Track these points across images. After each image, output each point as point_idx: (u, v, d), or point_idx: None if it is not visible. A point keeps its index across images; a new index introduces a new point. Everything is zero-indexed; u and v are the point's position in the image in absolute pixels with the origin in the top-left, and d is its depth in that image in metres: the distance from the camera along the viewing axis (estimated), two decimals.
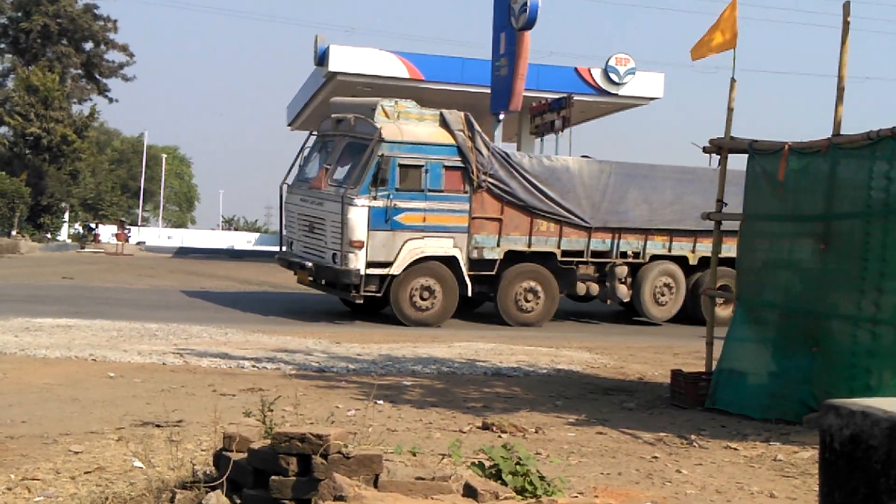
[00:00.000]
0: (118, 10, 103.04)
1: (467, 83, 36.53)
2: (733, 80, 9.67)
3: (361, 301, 16.06)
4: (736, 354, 8.97)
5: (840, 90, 8.19)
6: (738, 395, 8.68)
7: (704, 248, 18.32)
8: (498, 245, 16.79)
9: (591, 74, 36.69)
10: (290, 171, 17.36)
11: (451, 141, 16.41)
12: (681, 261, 18.32)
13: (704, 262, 18.44)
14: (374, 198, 15.68)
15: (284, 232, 17.80)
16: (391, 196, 15.78)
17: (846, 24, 8.15)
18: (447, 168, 16.36)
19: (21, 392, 7.94)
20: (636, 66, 36.35)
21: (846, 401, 2.27)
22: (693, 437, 7.39)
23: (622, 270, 17.69)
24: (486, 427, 7.25)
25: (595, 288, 17.85)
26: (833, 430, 2.25)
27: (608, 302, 18.32)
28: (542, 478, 4.52)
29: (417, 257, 16.11)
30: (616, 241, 17.73)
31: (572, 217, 17.24)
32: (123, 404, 7.57)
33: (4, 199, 33.23)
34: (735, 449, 7.08)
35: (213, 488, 4.35)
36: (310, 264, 16.15)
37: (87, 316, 14.14)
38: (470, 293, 16.68)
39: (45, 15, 39.46)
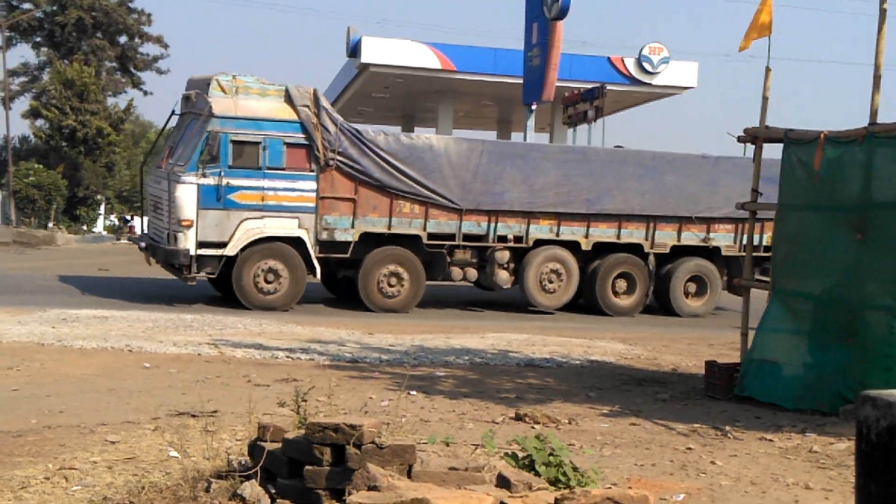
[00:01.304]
0: (152, 3, 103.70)
1: (499, 74, 36.43)
2: (768, 69, 9.58)
3: (193, 283, 15.52)
4: (768, 344, 8.90)
5: (876, 78, 8.10)
6: (769, 385, 8.62)
7: (599, 232, 17.61)
8: (352, 226, 15.95)
9: (624, 64, 36.47)
10: (150, 151, 16.11)
11: (293, 117, 15.54)
12: (572, 246, 17.38)
13: (601, 247, 17.70)
14: (204, 175, 14.95)
15: (146, 215, 17.26)
16: (223, 173, 15.05)
17: (883, 11, 8.05)
18: (289, 145, 15.52)
19: (59, 382, 8.03)
20: (670, 56, 36.02)
21: (883, 392, 2.25)
22: (727, 428, 7.35)
23: (502, 255, 16.85)
24: (518, 418, 7.25)
25: (473, 273, 17.05)
26: (870, 422, 2.23)
27: (497, 290, 17.51)
28: (575, 469, 4.51)
29: (255, 238, 15.32)
30: (493, 225, 16.76)
31: (438, 198, 16.36)
32: (159, 394, 7.64)
33: (41, 191, 33.62)
34: (770, 440, 7.03)
35: (248, 478, 4.38)
36: (143, 245, 15.71)
37: (123, 307, 14.30)
38: (318, 276, 16.16)
39: (79, 8, 39.79)
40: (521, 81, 33.73)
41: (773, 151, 10.00)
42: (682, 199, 17.81)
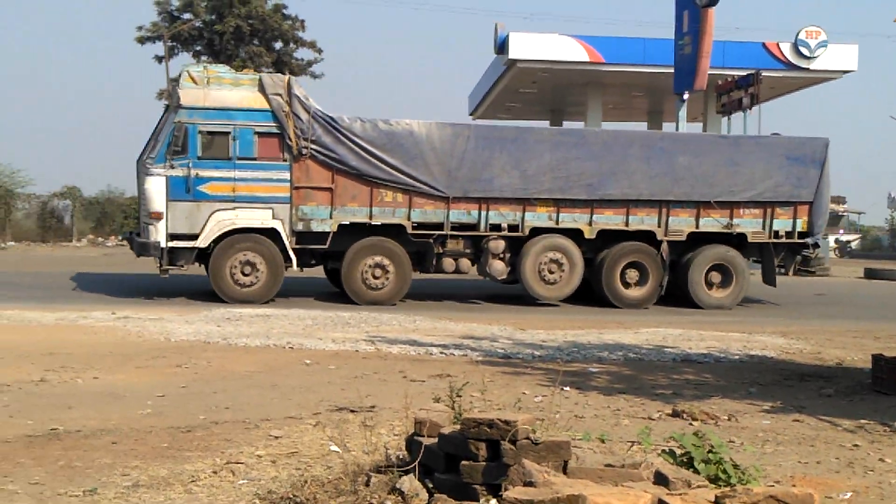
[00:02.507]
0: (305, 9, 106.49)
1: (649, 64, 35.87)
2: None
3: (166, 276, 15.41)
4: None
5: None
6: None
7: (604, 219, 16.63)
8: (330, 217, 15.62)
9: (779, 49, 35.37)
10: (146, 146, 15.65)
11: (265, 106, 15.28)
12: (575, 234, 16.58)
13: (609, 236, 16.69)
14: (172, 167, 14.84)
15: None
16: (192, 165, 14.92)
17: None
18: (260, 135, 15.29)
19: (224, 379, 8.35)
20: (828, 39, 34.69)
21: None
22: None
23: (496, 245, 16.21)
24: (676, 414, 7.13)
25: (466, 264, 16.46)
26: None
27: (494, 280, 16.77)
28: (735, 466, 4.41)
29: (227, 229, 15.19)
30: (484, 213, 16.14)
31: (422, 186, 15.85)
32: (319, 390, 7.84)
33: None
34: None
35: (406, 472, 4.45)
36: (124, 237, 15.68)
37: (287, 305, 14.75)
38: (296, 266, 15.77)
39: (237, 17, 41.18)
40: (672, 71, 33.09)
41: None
42: (697, 182, 16.74)
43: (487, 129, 16.67)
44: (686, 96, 32.52)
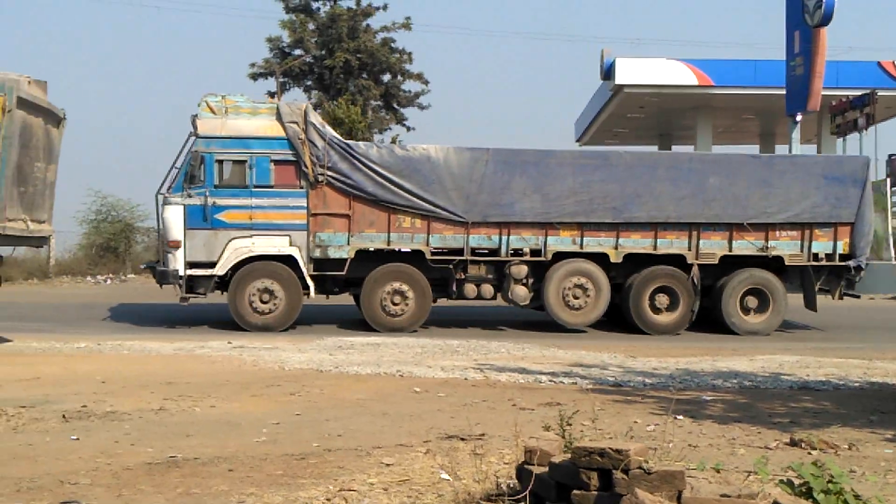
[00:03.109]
0: (412, 41, 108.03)
1: (760, 86, 35.31)
2: None
3: (186, 303, 15.43)
4: None
5: None
6: None
7: (631, 243, 16.07)
8: (348, 243, 15.51)
9: (895, 67, 34.42)
10: (165, 177, 15.59)
11: (281, 134, 15.32)
12: (600, 258, 16.12)
13: (634, 259, 16.11)
14: (189, 195, 14.88)
15: None
16: (209, 193, 14.95)
17: None
18: (277, 162, 15.31)
19: (336, 407, 8.45)
20: None
21: None
22: None
23: (519, 270, 15.88)
24: (793, 443, 6.94)
25: (489, 290, 16.08)
26: None
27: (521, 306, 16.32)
28: (857, 496, 4.27)
29: (244, 257, 15.20)
30: (505, 238, 15.83)
31: (440, 211, 15.61)
32: (429, 418, 7.88)
33: None
34: None
35: (517, 501, 4.44)
36: (144, 266, 15.52)
37: (393, 334, 14.89)
38: (313, 293, 15.55)
39: (346, 51, 41.94)
40: (783, 92, 32.48)
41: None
42: (729, 203, 16.15)
43: (506, 153, 16.26)
44: (799, 118, 31.83)
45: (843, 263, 16.52)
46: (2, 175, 10.63)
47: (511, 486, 4.81)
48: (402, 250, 15.89)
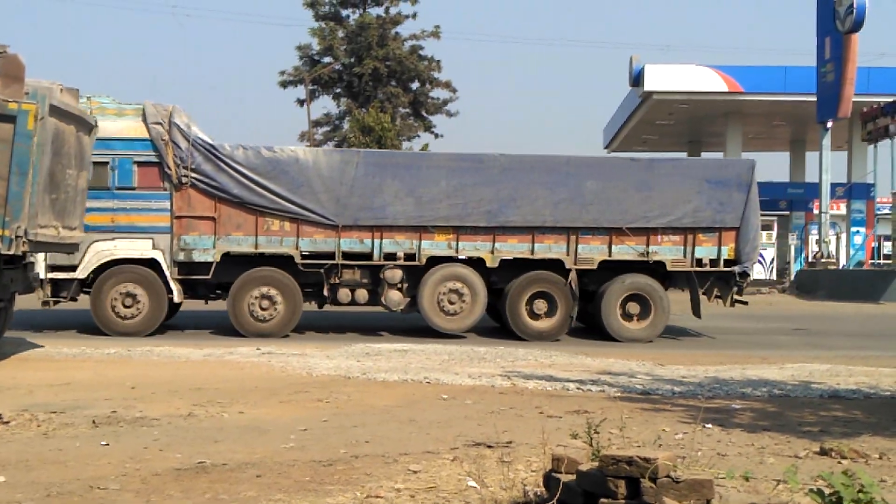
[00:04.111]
0: (440, 49, 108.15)
1: (791, 92, 35.16)
2: None
3: (48, 307, 15.11)
4: None
5: None
6: None
7: (508, 247, 15.81)
8: (214, 246, 15.21)
9: None
10: None
11: (144, 135, 14.98)
12: (477, 263, 15.85)
13: (514, 264, 15.87)
14: None
15: None
16: None
17: None
18: (140, 164, 15.00)
19: (364, 413, 8.47)
20: None
21: None
22: None
23: (393, 275, 15.61)
24: (823, 452, 6.87)
25: (363, 295, 15.77)
26: None
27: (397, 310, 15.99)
28: None
29: (106, 260, 14.85)
30: (378, 242, 15.59)
31: (310, 214, 15.37)
32: (456, 425, 7.87)
33: None
34: None
35: None
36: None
37: (421, 341, 14.90)
38: (177, 298, 15.23)
39: (375, 59, 42.10)
40: (814, 99, 32.29)
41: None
42: (608, 208, 15.88)
43: (378, 156, 16.00)
44: (830, 124, 31.62)
45: (727, 269, 16.22)
46: (34, 182, 10.74)
47: (538, 494, 4.80)
48: (273, 254, 15.62)
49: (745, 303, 17.11)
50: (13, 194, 10.66)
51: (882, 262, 44.43)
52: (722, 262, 16.21)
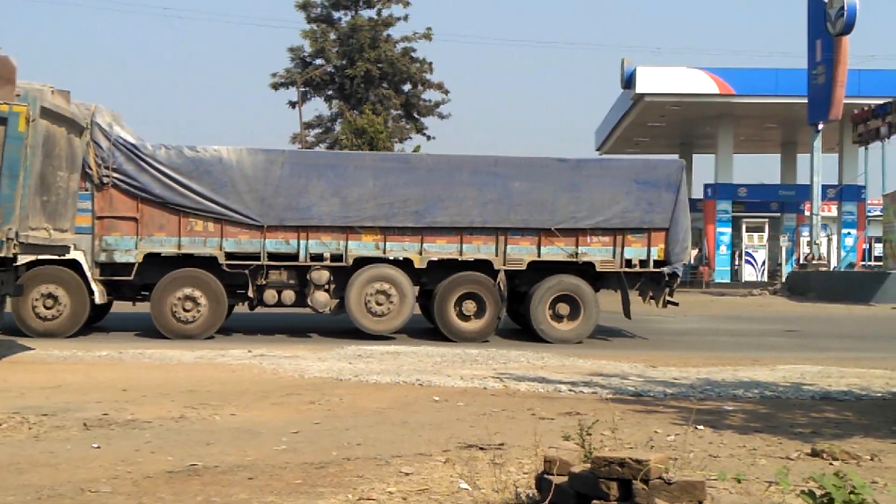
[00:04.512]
0: (432, 51, 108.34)
1: (782, 94, 35.29)
2: None
3: None
4: None
5: None
6: None
7: (437, 248, 15.76)
8: (136, 247, 15.06)
9: None
10: None
11: None
12: (405, 264, 15.80)
13: (445, 265, 15.82)
14: None
15: None
16: None
17: None
18: None
19: (356, 416, 8.46)
20: None
21: None
22: None
23: (320, 276, 15.50)
24: (815, 454, 6.89)
25: (290, 296, 15.69)
26: None
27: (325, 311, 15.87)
28: None
29: (27, 261, 14.31)
30: (304, 242, 15.48)
31: (234, 214, 15.24)
32: (448, 427, 7.87)
33: None
34: None
35: None
36: None
37: (411, 343, 14.90)
38: (98, 299, 15.10)
39: (367, 61, 42.11)
40: (805, 101, 32.39)
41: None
42: (536, 208, 15.88)
43: (303, 155, 16.01)
44: (821, 126, 31.72)
45: (657, 270, 16.16)
46: (25, 184, 10.72)
47: (530, 496, 4.80)
48: (198, 255, 15.46)
49: (676, 304, 16.94)
50: (4, 197, 10.63)
51: (873, 263, 44.57)
52: (652, 263, 16.14)
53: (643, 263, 16.21)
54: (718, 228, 40.26)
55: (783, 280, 35.93)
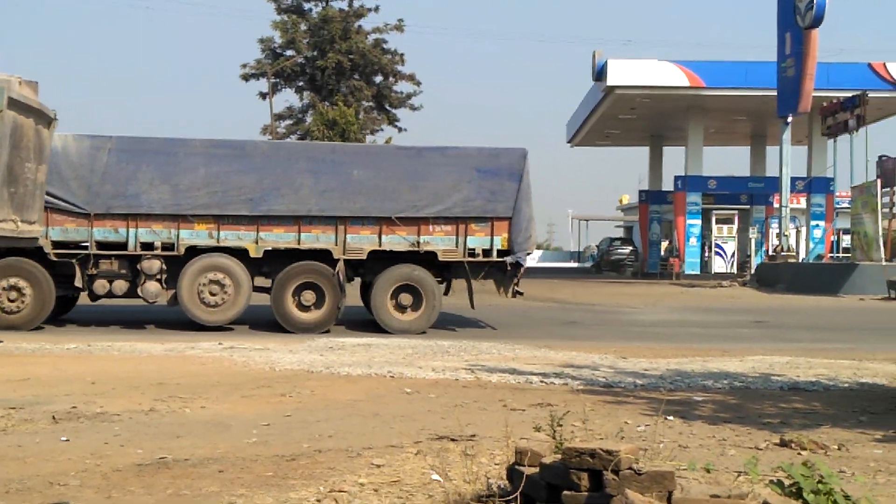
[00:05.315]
0: (404, 42, 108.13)
1: (752, 87, 35.50)
2: None
3: None
4: None
5: None
6: None
7: (274, 237, 15.58)
8: None
9: (886, 69, 34.64)
10: None
11: None
12: (241, 253, 15.51)
13: (284, 255, 15.62)
14: None
15: None
16: None
17: None
18: None
19: (327, 408, 8.44)
20: None
21: None
22: None
23: (151, 265, 15.18)
24: (783, 444, 6.95)
25: (121, 286, 15.30)
26: None
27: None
28: (847, 497, 4.28)
29: None
30: (134, 231, 15.16)
31: (59, 202, 14.86)
32: (420, 419, 7.87)
33: None
34: None
35: (508, 502, 4.44)
36: None
37: (385, 335, 14.87)
38: None
39: (338, 53, 41.97)
40: (775, 94, 32.59)
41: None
42: (376, 197, 15.73)
43: (131, 142, 15.55)
44: (790, 119, 31.94)
45: (500, 259, 15.98)
46: None
47: (502, 486, 4.81)
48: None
49: (521, 293, 16.78)
50: None
51: (841, 255, 44.99)
52: (495, 253, 15.94)
53: (487, 253, 16.00)
54: (688, 220, 40.50)
55: (752, 272, 36.19)
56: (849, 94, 30.96)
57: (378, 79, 44.54)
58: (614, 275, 46.91)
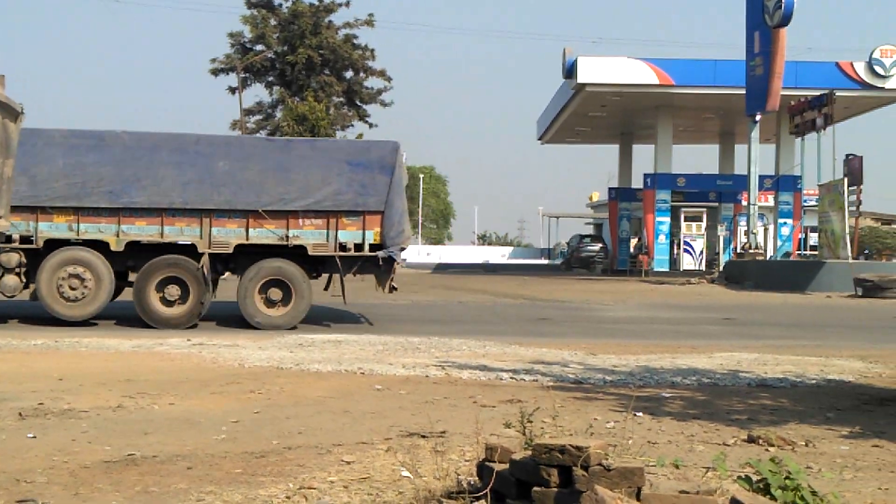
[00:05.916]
0: (374, 38, 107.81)
1: (720, 85, 35.73)
2: None
3: None
4: None
5: None
6: None
7: (136, 230, 15.29)
8: None
9: (853, 68, 34.95)
10: None
11: None
12: (103, 247, 15.17)
13: (148, 248, 15.38)
14: None
15: None
16: None
17: None
18: None
19: (297, 405, 8.41)
20: None
21: None
22: None
23: (9, 259, 14.81)
24: (751, 440, 7.00)
25: None
26: None
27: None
28: (814, 493, 4.32)
29: None
30: None
31: None
32: (390, 415, 7.86)
33: None
34: None
35: (478, 498, 4.44)
36: None
37: (355, 331, 14.83)
38: None
39: (309, 48, 41.81)
40: (743, 92, 32.83)
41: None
42: (242, 189, 15.41)
43: None
44: (758, 117, 32.20)
45: (372, 254, 15.71)
46: None
47: (472, 483, 4.81)
48: None
49: (395, 288, 16.45)
50: None
51: (808, 252, 45.40)
52: (368, 247, 15.69)
53: (359, 247, 15.76)
54: (657, 217, 40.73)
55: (721, 269, 36.44)
56: (817, 93, 31.22)
57: (349, 74, 44.44)
58: (584, 272, 47.09)
